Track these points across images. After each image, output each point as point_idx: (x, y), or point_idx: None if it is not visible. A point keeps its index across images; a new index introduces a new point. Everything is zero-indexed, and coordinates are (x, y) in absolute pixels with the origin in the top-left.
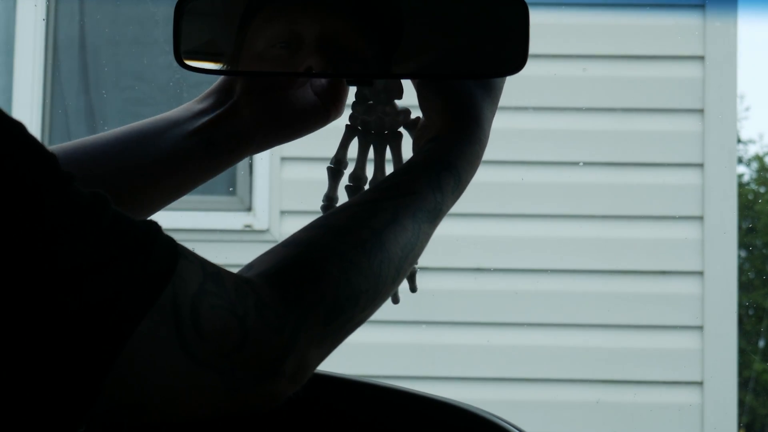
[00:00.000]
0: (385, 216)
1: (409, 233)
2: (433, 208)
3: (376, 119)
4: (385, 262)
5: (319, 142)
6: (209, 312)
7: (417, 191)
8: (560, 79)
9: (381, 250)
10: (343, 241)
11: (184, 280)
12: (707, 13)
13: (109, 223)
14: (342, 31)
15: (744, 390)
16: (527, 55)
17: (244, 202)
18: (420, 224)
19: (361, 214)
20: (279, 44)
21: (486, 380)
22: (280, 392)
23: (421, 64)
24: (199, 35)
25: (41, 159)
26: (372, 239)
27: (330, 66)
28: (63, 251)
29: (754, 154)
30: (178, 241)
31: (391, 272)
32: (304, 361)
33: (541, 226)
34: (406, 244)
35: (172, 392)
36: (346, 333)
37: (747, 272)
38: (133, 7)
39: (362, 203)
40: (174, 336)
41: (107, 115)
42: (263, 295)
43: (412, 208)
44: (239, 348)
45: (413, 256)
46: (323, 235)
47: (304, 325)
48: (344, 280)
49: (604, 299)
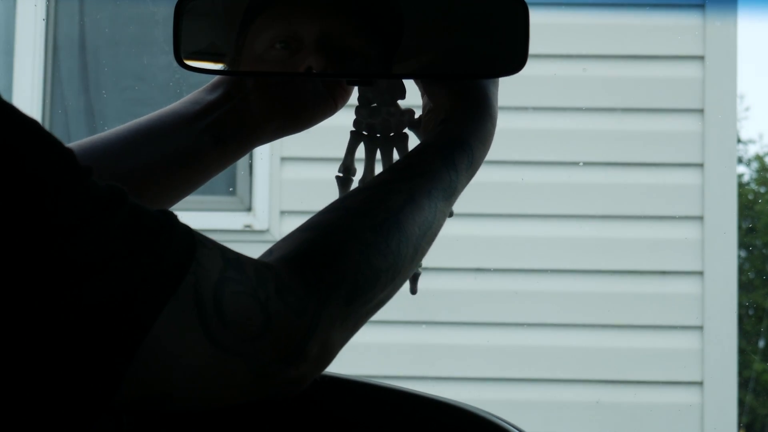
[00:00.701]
0: (400, 197)
1: (425, 212)
2: (448, 186)
3: (381, 121)
4: (404, 241)
5: (319, 142)
6: (231, 298)
7: (431, 170)
8: (560, 79)
9: (398, 230)
10: (360, 222)
11: (205, 268)
12: (707, 13)
13: (127, 215)
14: (341, 32)
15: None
16: (527, 54)
17: (244, 202)
18: (436, 203)
19: (376, 195)
20: (278, 45)
21: (486, 380)
22: (304, 375)
23: (421, 64)
24: (199, 35)
25: (57, 154)
26: (389, 220)
27: (330, 66)
28: (81, 244)
29: (754, 154)
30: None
31: (410, 251)
32: (327, 343)
33: (541, 226)
34: (423, 223)
35: (198, 380)
36: (368, 313)
37: (747, 272)
38: (133, 7)
39: (377, 185)
40: (197, 324)
41: (107, 115)
42: (284, 279)
43: (427, 187)
44: (262, 332)
45: (431, 234)
46: (340, 217)
47: (325, 306)
48: (363, 260)
49: (604, 299)
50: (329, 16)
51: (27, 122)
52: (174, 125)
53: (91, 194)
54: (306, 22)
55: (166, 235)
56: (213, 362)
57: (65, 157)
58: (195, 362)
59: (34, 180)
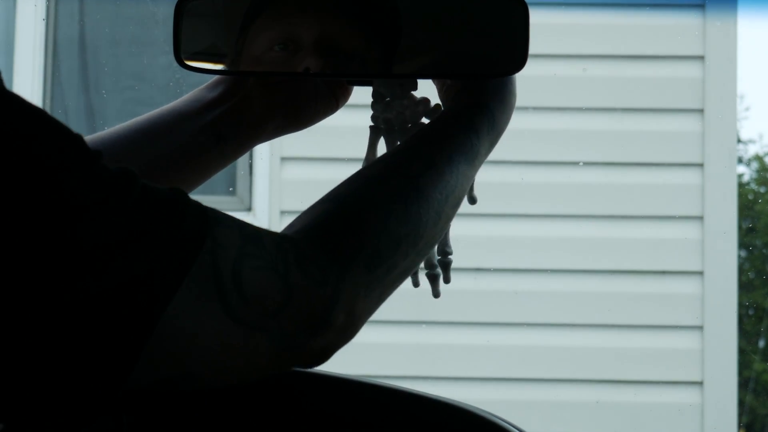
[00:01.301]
0: (420, 162)
1: (446, 177)
2: (470, 150)
3: (396, 115)
4: (424, 207)
5: (319, 142)
6: (251, 274)
7: (451, 134)
8: (560, 79)
9: (418, 196)
10: (378, 190)
11: (223, 246)
12: (707, 13)
13: (139, 195)
14: (340, 34)
15: (744, 390)
16: (527, 54)
17: (244, 202)
18: (458, 167)
19: (394, 162)
20: (277, 47)
21: (486, 380)
22: (330, 345)
23: (421, 64)
24: (199, 36)
25: (67, 139)
26: (408, 186)
27: (328, 67)
28: (94, 225)
29: (754, 154)
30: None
31: (432, 216)
32: (352, 312)
33: (541, 226)
34: (445, 188)
35: (219, 357)
36: (394, 282)
37: (747, 272)
38: (133, 7)
39: (397, 153)
40: (217, 303)
41: (107, 115)
42: (303, 250)
43: (447, 152)
44: (285, 305)
45: (454, 199)
46: (358, 187)
47: (347, 274)
48: (382, 227)
49: (604, 299)
50: (328, 18)
51: (34, 110)
52: (174, 123)
53: (103, 176)
54: (304, 24)
55: (179, 212)
56: (235, 338)
57: (75, 142)
58: (216, 339)
59: (46, 164)
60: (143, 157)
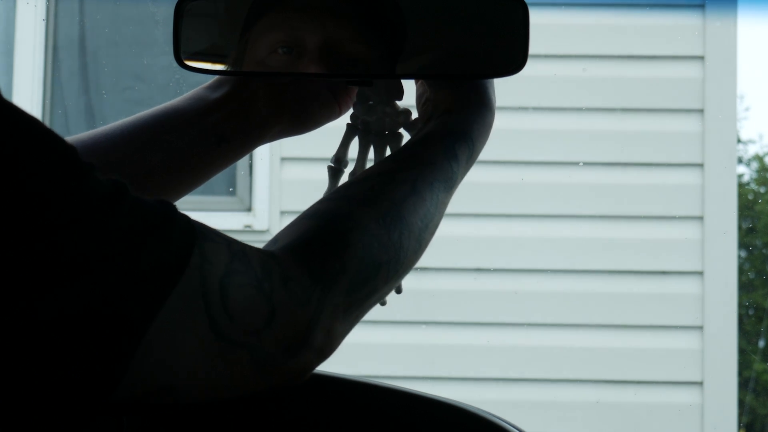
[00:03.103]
0: (403, 187)
1: (427, 204)
2: (449, 178)
3: (376, 119)
4: (405, 233)
5: (319, 143)
6: (237, 291)
7: (434, 162)
8: (560, 79)
9: (401, 222)
10: (363, 212)
11: (211, 262)
12: (707, 13)
13: (128, 209)
14: (345, 38)
15: (744, 390)
16: (527, 55)
17: (244, 203)
18: (437, 194)
19: (379, 185)
20: (281, 50)
21: (486, 380)
22: (308, 365)
23: (422, 65)
24: (199, 36)
25: (57, 152)
26: (392, 210)
27: (331, 68)
28: (80, 240)
29: (754, 154)
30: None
31: (412, 243)
32: (331, 332)
33: (541, 226)
34: (425, 215)
35: (202, 372)
36: (371, 304)
37: (747, 272)
38: (133, 7)
39: (380, 174)
40: (203, 317)
41: (107, 116)
42: (288, 269)
43: (430, 178)
44: (267, 324)
45: (433, 226)
46: (344, 206)
47: (328, 296)
48: (366, 252)
49: (604, 299)
50: (332, 23)
51: (27, 120)
52: (177, 123)
53: (92, 190)
54: (309, 28)
55: (168, 226)
56: (217, 354)
57: (66, 154)
58: (199, 354)
59: (31, 178)
60: (145, 155)
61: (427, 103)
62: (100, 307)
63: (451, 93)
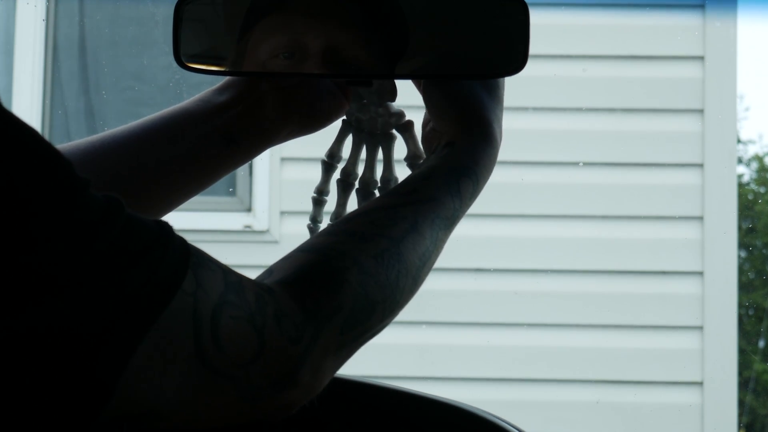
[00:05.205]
0: (404, 224)
1: (427, 241)
2: (451, 215)
3: (368, 119)
4: (403, 272)
5: (319, 143)
6: (229, 323)
7: (436, 197)
8: (560, 79)
9: (399, 261)
10: (362, 249)
11: (205, 290)
12: (707, 13)
13: (120, 229)
14: (347, 41)
15: (744, 390)
16: (528, 55)
17: (244, 203)
18: (437, 231)
19: (380, 221)
20: (282, 55)
21: (486, 380)
22: (294, 401)
23: (423, 66)
24: (198, 37)
25: (52, 167)
26: (390, 249)
27: (332, 70)
28: (69, 260)
29: (754, 154)
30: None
31: (408, 282)
32: (319, 371)
33: (541, 226)
34: (423, 253)
35: (187, 400)
36: (362, 342)
37: (747, 272)
38: (133, 7)
39: (382, 209)
40: (192, 346)
41: (107, 116)
42: (282, 305)
43: (431, 215)
44: (255, 358)
45: (430, 264)
46: (343, 242)
47: (321, 335)
48: (362, 291)
49: (604, 299)
50: (336, 27)
51: (23, 132)
52: (186, 125)
53: (84, 207)
54: (312, 33)
55: (160, 250)
56: (203, 384)
57: (60, 168)
58: (185, 382)
59: (24, 192)
60: (154, 157)
61: (432, 132)
62: (81, 327)
63: (456, 124)
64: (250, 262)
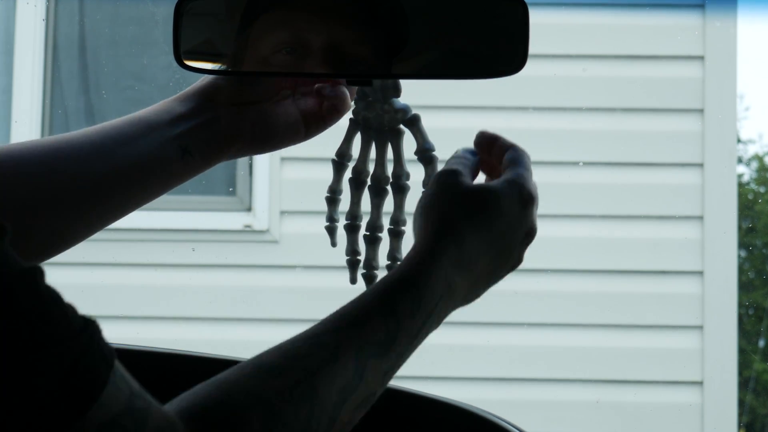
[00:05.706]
0: (322, 354)
1: (350, 373)
2: (385, 340)
3: (375, 116)
4: (316, 411)
5: (319, 143)
6: None
7: (364, 321)
8: (560, 79)
9: (311, 397)
10: (270, 385)
11: (103, 406)
12: (707, 13)
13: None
14: (348, 39)
15: (744, 390)
16: (527, 55)
17: (244, 202)
18: (366, 360)
19: (295, 351)
20: (284, 50)
21: (486, 380)
22: None
23: (423, 65)
24: (199, 36)
25: None
26: (303, 383)
27: (333, 70)
28: None
29: (754, 154)
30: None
31: (323, 421)
32: None
33: (540, 226)
34: (345, 387)
35: None
36: None
37: (747, 272)
38: (133, 7)
39: (302, 336)
40: None
41: (107, 116)
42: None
43: (357, 342)
44: None
45: (356, 399)
46: (251, 377)
47: None
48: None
49: (604, 299)
50: (338, 24)
51: None
52: (143, 132)
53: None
54: (315, 29)
55: (79, 357)
56: None
57: None
58: None
59: None
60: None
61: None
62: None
63: (417, 234)
64: (249, 262)
